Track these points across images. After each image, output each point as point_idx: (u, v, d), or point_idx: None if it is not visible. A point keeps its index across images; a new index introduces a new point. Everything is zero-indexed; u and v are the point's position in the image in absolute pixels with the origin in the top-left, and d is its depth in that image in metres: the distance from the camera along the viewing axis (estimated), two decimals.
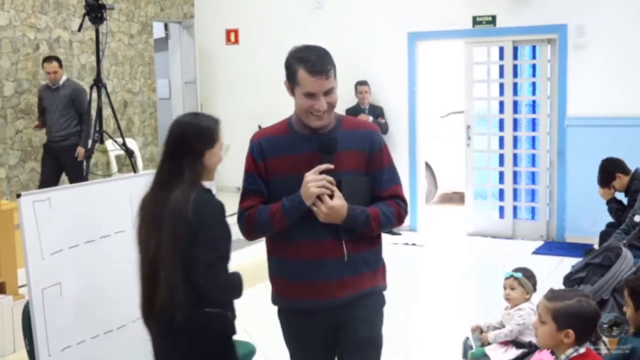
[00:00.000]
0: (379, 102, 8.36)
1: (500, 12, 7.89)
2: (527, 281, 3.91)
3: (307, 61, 2.54)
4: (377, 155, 2.69)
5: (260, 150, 2.64)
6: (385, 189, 2.69)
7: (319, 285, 2.62)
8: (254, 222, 2.62)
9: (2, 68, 7.21)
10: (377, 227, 2.64)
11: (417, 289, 6.40)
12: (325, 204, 2.49)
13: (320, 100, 2.55)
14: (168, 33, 10.00)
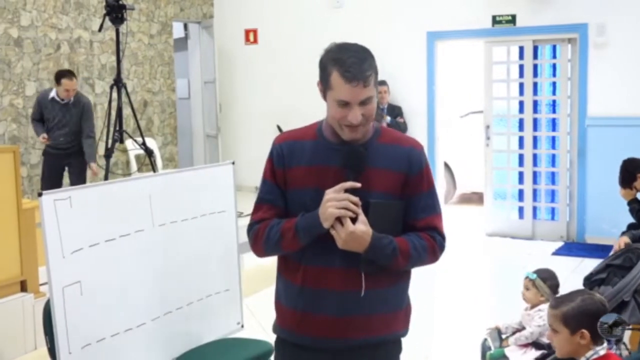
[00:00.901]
0: (398, 102, 8.35)
1: (520, 11, 7.84)
2: (542, 284, 3.88)
3: (343, 64, 2.16)
4: (416, 178, 2.27)
5: (281, 155, 2.29)
6: (420, 219, 2.27)
7: (325, 320, 2.24)
8: (262, 239, 2.27)
9: (24, 68, 7.29)
10: (405, 262, 2.24)
11: (435, 289, 6.38)
12: (346, 228, 2.11)
13: (355, 111, 2.15)
14: (187, 33, 10.05)
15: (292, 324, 2.31)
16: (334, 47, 2.29)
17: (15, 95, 7.24)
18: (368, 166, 2.20)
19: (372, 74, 2.19)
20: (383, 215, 2.20)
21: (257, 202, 2.34)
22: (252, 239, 2.33)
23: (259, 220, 2.31)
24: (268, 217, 2.29)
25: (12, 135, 7.21)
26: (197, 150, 10.04)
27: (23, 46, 7.27)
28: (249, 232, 2.34)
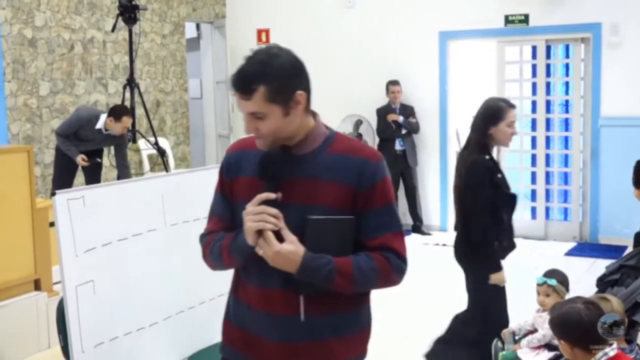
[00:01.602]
0: (410, 102, 8.33)
1: (533, 11, 7.81)
2: (561, 287, 3.85)
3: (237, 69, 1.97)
4: (367, 193, 2.00)
5: (229, 165, 2.13)
6: (373, 238, 2.02)
7: (263, 344, 2.05)
8: (208, 252, 2.13)
9: (38, 68, 7.33)
10: (347, 285, 1.98)
11: (446, 290, 6.35)
12: (271, 247, 1.91)
13: (246, 121, 1.98)
14: (200, 33, 10.08)
15: (239, 345, 2.12)
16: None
17: (30, 95, 7.28)
18: (310, 177, 1.99)
19: (260, 87, 1.91)
20: (324, 232, 1.97)
21: (210, 213, 2.20)
22: (202, 251, 2.17)
23: (208, 232, 2.16)
24: (216, 230, 2.13)
25: (26, 135, 7.26)
26: (209, 150, 10.06)
27: (37, 46, 7.31)
28: (200, 243, 2.19)
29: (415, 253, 6.97)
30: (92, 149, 6.77)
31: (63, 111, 7.57)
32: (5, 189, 4.64)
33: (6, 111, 7.08)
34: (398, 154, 8.22)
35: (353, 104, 8.57)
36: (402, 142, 8.22)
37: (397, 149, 8.23)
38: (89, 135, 6.63)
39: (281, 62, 1.98)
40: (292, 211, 1.96)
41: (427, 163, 8.45)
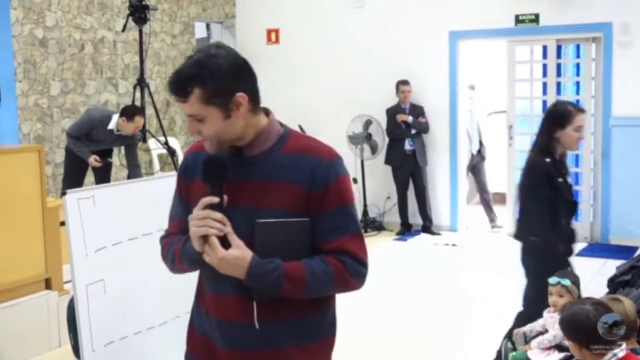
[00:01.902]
0: (420, 102, 8.31)
1: (543, 10, 7.78)
2: (574, 288, 3.83)
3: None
4: (320, 193, 1.90)
5: (186, 167, 2.07)
6: (328, 241, 1.92)
7: (219, 352, 1.98)
8: (165, 256, 2.10)
9: (49, 68, 7.36)
10: (298, 291, 1.89)
11: (457, 290, 6.34)
12: (216, 253, 1.84)
13: (189, 123, 1.93)
14: (210, 33, 10.09)
15: (202, 353, 2.05)
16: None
17: (40, 95, 7.31)
18: (262, 179, 1.91)
19: (195, 90, 1.84)
20: (274, 236, 1.88)
21: (169, 216, 2.15)
22: (160, 252, 2.12)
23: (166, 234, 2.12)
24: (175, 233, 2.07)
25: (37, 134, 7.29)
26: None
27: (48, 46, 7.34)
28: (160, 244, 2.14)
29: (424, 253, 6.95)
30: (102, 149, 6.79)
31: (74, 111, 7.60)
32: (16, 189, 4.66)
33: (17, 111, 7.11)
34: (408, 153, 8.21)
35: (362, 104, 8.56)
36: (412, 142, 8.21)
37: (406, 148, 8.21)
38: (101, 135, 6.65)
39: (218, 63, 1.86)
40: (240, 215, 1.88)
41: (436, 163, 8.43)
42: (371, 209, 8.63)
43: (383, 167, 8.47)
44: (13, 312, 4.59)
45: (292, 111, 9.27)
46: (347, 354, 4.81)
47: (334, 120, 8.82)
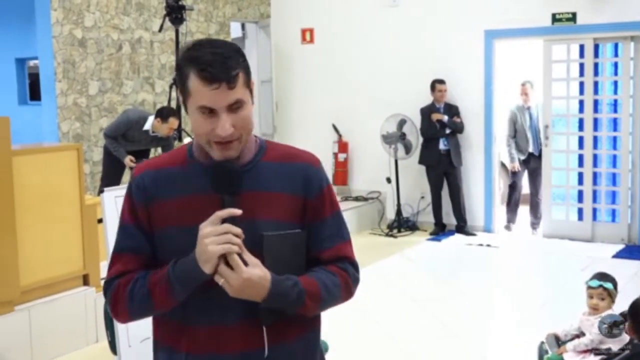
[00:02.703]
0: (455, 101, 8.25)
1: (580, 9, 7.66)
2: (615, 292, 3.77)
3: (201, 62, 1.63)
4: (316, 202, 1.80)
5: (142, 188, 1.75)
6: (326, 249, 1.81)
7: None
8: (124, 299, 1.72)
9: (88, 68, 7.47)
10: (316, 307, 1.77)
11: (492, 291, 6.29)
12: (239, 274, 1.62)
13: (222, 121, 1.65)
14: (245, 33, 10.14)
15: None
16: (190, 45, 1.71)
17: (79, 94, 7.42)
18: (252, 190, 1.74)
19: (239, 72, 1.67)
20: (280, 250, 1.73)
21: (114, 252, 1.79)
22: (110, 300, 1.76)
23: (118, 274, 1.75)
24: (130, 270, 1.74)
25: (76, 133, 7.40)
26: None
27: (87, 46, 7.44)
28: (107, 291, 1.77)
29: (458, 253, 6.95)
30: (139, 150, 6.88)
31: (111, 110, 7.70)
32: (55, 186, 4.74)
33: (57, 110, 7.23)
34: (442, 153, 8.15)
35: (396, 103, 8.53)
36: (447, 141, 8.15)
37: (441, 148, 8.16)
38: (136, 136, 6.74)
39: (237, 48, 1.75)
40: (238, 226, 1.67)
41: (471, 163, 8.36)
42: (405, 208, 8.59)
43: (417, 166, 8.43)
44: (52, 307, 4.66)
45: (326, 111, 9.29)
46: (387, 350, 4.81)
47: (368, 120, 8.80)
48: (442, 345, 4.92)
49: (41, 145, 6.02)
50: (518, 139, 8.12)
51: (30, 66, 9.21)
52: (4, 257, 4.51)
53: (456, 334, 5.11)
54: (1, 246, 4.48)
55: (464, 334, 5.11)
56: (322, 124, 9.34)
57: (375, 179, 8.87)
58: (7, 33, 9.06)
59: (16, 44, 8.94)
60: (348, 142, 9.15)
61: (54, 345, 4.65)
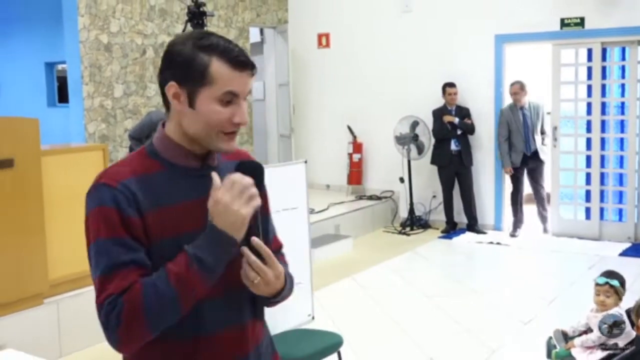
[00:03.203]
0: (466, 103, 8.22)
1: (588, 13, 7.60)
2: (622, 289, 3.74)
3: (224, 49, 1.53)
4: (265, 194, 1.68)
5: (129, 198, 1.50)
6: (272, 241, 1.76)
7: None
8: (141, 310, 1.43)
9: (113, 72, 7.51)
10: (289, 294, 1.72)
11: (502, 287, 6.26)
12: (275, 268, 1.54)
13: (243, 106, 1.56)
14: (263, 37, 10.16)
15: None
16: (188, 35, 1.58)
17: (105, 97, 7.47)
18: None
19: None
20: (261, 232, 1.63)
21: (107, 272, 1.46)
22: (119, 322, 1.43)
23: (120, 291, 1.44)
24: (133, 283, 1.45)
25: (102, 134, 7.45)
26: (272, 149, 10.14)
27: (112, 51, 7.49)
28: (110, 313, 1.44)
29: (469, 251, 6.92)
30: None
31: (136, 112, 7.74)
32: (82, 185, 4.73)
33: (83, 112, 7.28)
34: (453, 154, 8.13)
35: (409, 105, 8.51)
36: (458, 142, 8.12)
37: (452, 149, 8.13)
38: None
39: None
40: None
41: (482, 163, 8.32)
42: (417, 207, 8.57)
43: (429, 167, 8.41)
44: (78, 300, 4.71)
45: (341, 113, 9.29)
46: (399, 343, 4.80)
47: (382, 122, 8.79)
48: (453, 339, 4.90)
49: (69, 145, 6.07)
50: (513, 139, 7.90)
51: (59, 70, 9.28)
52: (34, 253, 4.55)
53: (467, 328, 5.09)
54: (31, 242, 4.53)
55: (475, 328, 5.09)
56: (338, 126, 9.34)
57: (389, 178, 8.86)
58: (36, 38, 9.13)
59: (45, 48, 9.02)
60: (362, 143, 9.14)
61: (81, 336, 4.68)
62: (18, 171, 4.45)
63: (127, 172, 1.53)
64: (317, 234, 7.18)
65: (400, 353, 4.67)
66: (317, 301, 4.86)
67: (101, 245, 1.48)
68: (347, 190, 9.21)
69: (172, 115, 1.58)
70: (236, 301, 1.60)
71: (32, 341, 4.38)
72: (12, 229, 4.42)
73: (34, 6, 8.99)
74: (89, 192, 1.55)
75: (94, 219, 1.51)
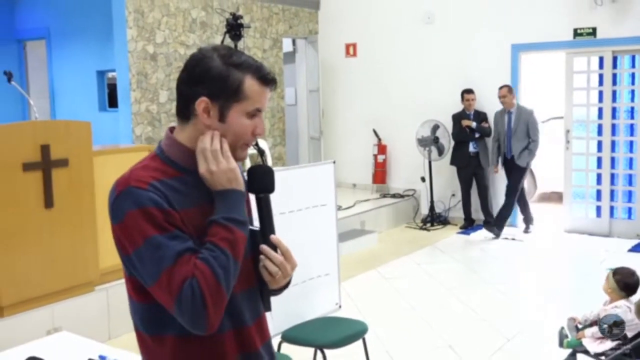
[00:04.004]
0: (484, 108, 8.14)
1: (600, 24, 7.48)
2: (611, 278, 3.69)
3: (256, 68, 1.52)
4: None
5: (163, 197, 1.44)
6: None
7: None
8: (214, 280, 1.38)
9: (158, 79, 7.58)
10: None
11: (516, 280, 6.19)
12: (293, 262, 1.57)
13: (262, 121, 1.57)
14: (295, 47, 10.17)
15: None
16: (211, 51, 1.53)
17: (151, 102, 7.55)
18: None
19: None
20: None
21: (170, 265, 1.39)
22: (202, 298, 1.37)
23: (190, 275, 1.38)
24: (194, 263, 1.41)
25: (148, 136, 7.53)
26: (302, 150, 10.15)
27: (157, 60, 7.56)
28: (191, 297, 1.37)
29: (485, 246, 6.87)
30: None
31: None
32: None
33: (131, 116, 7.37)
34: (471, 155, 8.06)
35: (431, 110, 8.46)
36: (476, 145, 8.05)
37: (470, 151, 8.06)
38: None
39: None
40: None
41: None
42: (437, 205, 8.52)
43: (448, 167, 8.35)
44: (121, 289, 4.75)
45: (367, 117, 9.27)
46: (420, 331, 4.78)
47: (405, 125, 8.75)
48: (470, 328, 4.87)
49: (118, 146, 6.15)
50: (500, 142, 7.74)
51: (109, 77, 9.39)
52: (87, 244, 4.62)
53: (483, 318, 5.05)
54: (84, 234, 4.60)
55: (490, 318, 5.05)
56: (364, 129, 9.32)
57: (411, 178, 8.82)
58: (89, 49, 9.26)
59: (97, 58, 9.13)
60: (387, 145, 9.10)
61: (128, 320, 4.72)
62: (72, 170, 4.52)
63: (149, 177, 1.47)
64: (344, 229, 7.17)
65: (421, 340, 4.65)
66: (343, 291, 4.85)
67: (153, 244, 1.39)
68: (372, 188, 9.19)
69: (192, 125, 1.52)
70: (255, 294, 1.58)
71: (84, 324, 4.45)
72: (67, 222, 4.49)
73: (88, 20, 9.12)
74: (118, 198, 1.43)
75: (136, 222, 1.40)
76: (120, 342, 4.52)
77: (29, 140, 4.29)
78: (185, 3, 7.83)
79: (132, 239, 1.42)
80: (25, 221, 4.26)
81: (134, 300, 1.53)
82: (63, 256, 4.47)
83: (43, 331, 4.20)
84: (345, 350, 3.40)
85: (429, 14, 8.66)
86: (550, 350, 4.11)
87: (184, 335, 1.44)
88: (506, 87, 7.62)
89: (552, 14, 7.75)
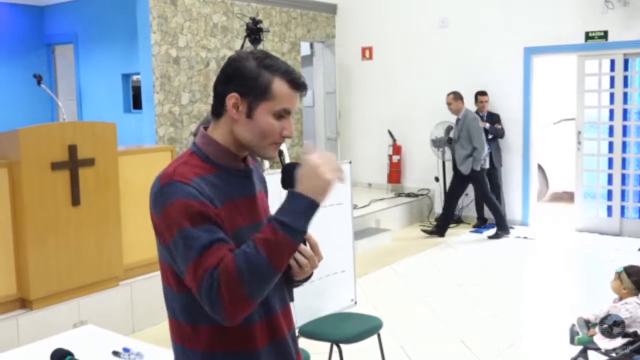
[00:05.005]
0: (496, 110, 8.09)
1: (611, 27, 7.39)
2: (625, 277, 3.65)
3: (285, 71, 1.55)
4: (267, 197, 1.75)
5: (203, 192, 1.47)
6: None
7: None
8: (235, 276, 1.37)
9: (181, 82, 7.62)
10: None
11: (528, 278, 6.14)
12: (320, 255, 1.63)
13: (291, 122, 1.59)
14: (313, 51, 10.17)
15: None
16: (248, 53, 1.58)
17: (173, 104, 7.59)
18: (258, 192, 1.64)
19: None
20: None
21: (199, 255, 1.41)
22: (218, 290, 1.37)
23: (215, 266, 1.39)
24: (225, 255, 1.41)
25: (170, 137, 7.57)
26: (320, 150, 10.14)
27: (180, 63, 7.60)
28: (210, 288, 1.38)
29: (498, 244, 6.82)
30: None
31: (200, 117, 7.83)
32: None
33: (155, 117, 7.41)
34: None
35: (445, 111, 8.40)
36: (489, 145, 7.99)
37: None
38: None
39: None
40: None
41: (510, 164, 8.18)
42: None
43: None
44: (149, 283, 4.79)
45: (382, 118, 9.24)
46: (433, 326, 4.76)
47: (419, 126, 8.71)
48: (482, 324, 4.83)
49: (141, 146, 6.18)
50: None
51: (134, 80, 9.45)
52: (112, 240, 4.65)
53: (495, 314, 5.01)
54: (109, 231, 4.63)
55: (503, 314, 5.01)
56: (379, 130, 9.29)
57: (425, 178, 8.78)
58: (114, 53, 9.33)
59: (122, 61, 9.20)
60: (401, 146, 9.07)
61: (151, 314, 4.77)
62: (98, 169, 4.56)
63: (191, 172, 1.50)
64: (359, 228, 7.16)
65: (434, 335, 4.62)
66: (359, 287, 4.84)
67: (186, 235, 1.42)
68: (387, 188, 9.16)
69: (224, 122, 1.56)
70: (281, 283, 1.61)
71: (108, 318, 4.48)
72: (93, 219, 4.53)
73: (113, 26, 9.19)
74: (162, 190, 1.48)
75: (175, 213, 1.43)
76: (143, 335, 4.55)
77: (58, 140, 4.33)
78: (207, 8, 7.86)
79: (170, 230, 1.45)
80: (53, 218, 4.30)
81: (174, 291, 1.54)
82: (89, 252, 4.51)
83: (69, 324, 4.24)
84: (360, 345, 3.39)
85: (443, 18, 8.61)
86: (561, 346, 4.07)
87: (219, 324, 1.45)
88: (452, 94, 7.54)
89: (564, 17, 7.67)
